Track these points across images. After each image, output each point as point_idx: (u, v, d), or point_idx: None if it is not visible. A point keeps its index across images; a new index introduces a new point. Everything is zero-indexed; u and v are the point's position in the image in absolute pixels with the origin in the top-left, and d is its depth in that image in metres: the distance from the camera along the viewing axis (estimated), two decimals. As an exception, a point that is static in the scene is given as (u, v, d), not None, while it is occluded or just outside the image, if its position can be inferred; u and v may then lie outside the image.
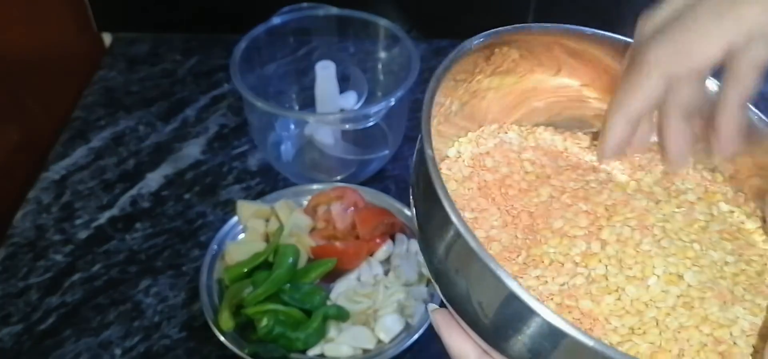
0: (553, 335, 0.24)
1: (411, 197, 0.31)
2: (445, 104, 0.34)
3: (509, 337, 0.25)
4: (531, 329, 0.24)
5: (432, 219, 0.28)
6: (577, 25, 0.35)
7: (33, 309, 0.62)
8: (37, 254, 0.67)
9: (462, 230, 0.25)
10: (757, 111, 0.34)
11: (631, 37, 0.33)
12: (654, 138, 0.35)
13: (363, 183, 0.71)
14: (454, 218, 0.25)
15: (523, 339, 0.25)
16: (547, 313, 0.23)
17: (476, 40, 0.33)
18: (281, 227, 0.64)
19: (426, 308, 0.60)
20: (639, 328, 0.29)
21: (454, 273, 0.27)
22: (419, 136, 0.29)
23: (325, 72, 0.73)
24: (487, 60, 0.35)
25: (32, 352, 0.59)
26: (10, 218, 0.71)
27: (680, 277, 0.30)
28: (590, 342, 0.23)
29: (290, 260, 0.60)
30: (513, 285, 0.24)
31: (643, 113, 0.31)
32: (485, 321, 0.26)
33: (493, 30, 0.33)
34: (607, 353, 0.23)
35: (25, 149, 0.78)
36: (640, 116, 0.31)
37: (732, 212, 0.36)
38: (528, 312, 0.24)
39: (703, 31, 0.28)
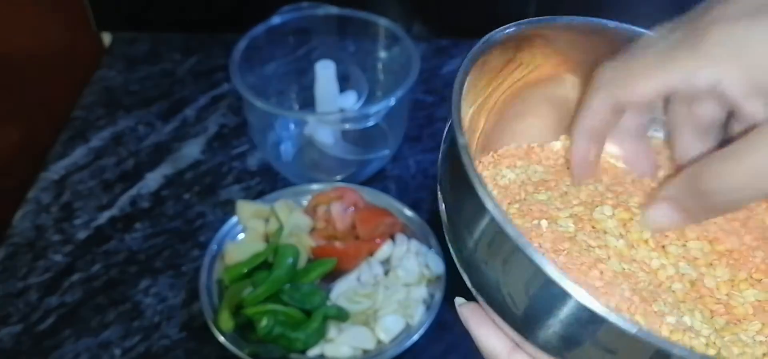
0: (591, 321, 0.22)
1: (439, 189, 0.30)
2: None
3: (542, 326, 0.24)
4: (566, 315, 0.23)
5: (463, 208, 0.26)
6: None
7: (32, 309, 0.62)
8: (37, 254, 0.67)
9: (497, 217, 0.23)
10: None
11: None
12: None
13: (363, 183, 0.71)
14: (489, 205, 0.24)
15: (556, 328, 0.23)
16: (585, 297, 0.21)
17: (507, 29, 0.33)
18: (281, 227, 0.63)
19: (425, 306, 0.60)
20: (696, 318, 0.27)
21: (485, 262, 0.26)
22: (448, 123, 0.27)
23: (325, 72, 0.73)
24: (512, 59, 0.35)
25: (32, 352, 0.59)
26: (10, 218, 0.71)
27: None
28: (633, 330, 0.21)
29: (290, 260, 0.60)
30: (549, 269, 0.22)
31: (596, 131, 0.31)
32: (516, 310, 0.25)
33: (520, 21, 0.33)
34: (654, 342, 0.21)
35: (24, 149, 0.78)
36: (593, 133, 0.31)
37: None
38: (563, 297, 0.22)
39: (645, 67, 0.28)
